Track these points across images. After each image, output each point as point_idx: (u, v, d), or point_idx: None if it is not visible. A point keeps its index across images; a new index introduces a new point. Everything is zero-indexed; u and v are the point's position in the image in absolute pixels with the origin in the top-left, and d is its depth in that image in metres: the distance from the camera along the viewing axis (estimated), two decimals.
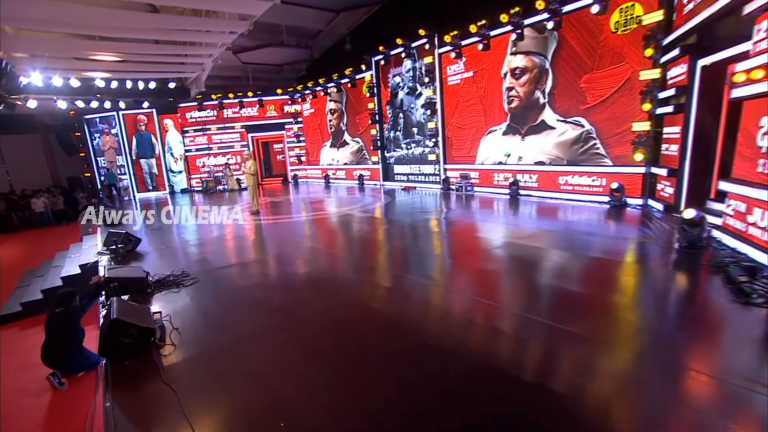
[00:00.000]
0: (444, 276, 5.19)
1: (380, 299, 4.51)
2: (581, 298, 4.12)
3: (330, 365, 3.15)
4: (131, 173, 18.14)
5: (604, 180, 8.89)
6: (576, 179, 9.49)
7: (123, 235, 6.95)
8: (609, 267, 5.03)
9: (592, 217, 7.78)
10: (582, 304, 3.96)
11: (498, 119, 11.15)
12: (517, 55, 10.27)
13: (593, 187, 9.15)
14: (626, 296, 4.26)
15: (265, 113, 18.42)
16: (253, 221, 10.03)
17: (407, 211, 10.09)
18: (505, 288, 4.65)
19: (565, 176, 9.71)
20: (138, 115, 17.77)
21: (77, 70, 12.71)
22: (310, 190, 16.32)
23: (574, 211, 8.43)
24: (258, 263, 6.40)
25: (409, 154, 14.46)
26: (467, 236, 7.28)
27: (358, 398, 2.73)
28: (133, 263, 6.39)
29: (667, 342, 3.16)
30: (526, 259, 5.51)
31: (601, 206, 8.61)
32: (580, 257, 5.40)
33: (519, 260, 5.50)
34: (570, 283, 4.57)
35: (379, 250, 6.77)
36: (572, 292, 4.28)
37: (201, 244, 7.84)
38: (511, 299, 4.26)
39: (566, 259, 5.42)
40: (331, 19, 14.98)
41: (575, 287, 4.44)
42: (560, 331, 3.40)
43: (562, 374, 2.85)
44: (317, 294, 4.74)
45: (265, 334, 3.77)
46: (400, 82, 14.18)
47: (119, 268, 5.15)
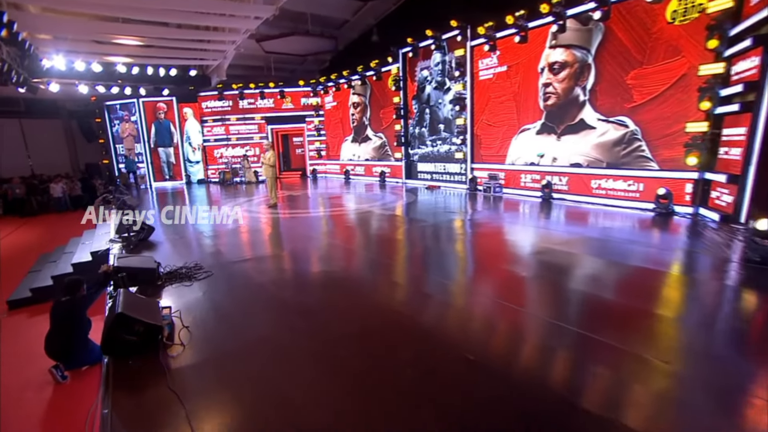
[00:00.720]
0: (476, 282, 4.80)
1: (409, 304, 4.16)
2: (640, 315, 3.68)
3: (359, 381, 2.81)
4: (149, 162, 18.23)
5: (641, 185, 8.43)
6: (610, 183, 9.01)
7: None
8: (670, 282, 4.56)
9: (635, 225, 7.25)
10: (642, 322, 3.53)
11: (532, 117, 10.66)
12: (557, 49, 9.76)
13: (629, 192, 8.67)
14: (687, 315, 3.80)
15: (281, 105, 18.25)
16: (270, 214, 9.80)
17: (432, 211, 9.70)
18: (548, 299, 4.24)
19: (598, 180, 9.25)
20: (158, 102, 17.83)
21: (99, 54, 12.75)
22: (329, 186, 16.07)
23: (613, 218, 7.90)
24: (275, 258, 6.13)
25: (434, 152, 14.05)
26: (499, 240, 6.86)
27: (392, 423, 2.38)
28: (145, 253, 6.19)
29: (726, 365, 2.74)
30: (565, 267, 5.07)
31: (642, 213, 8.05)
32: (629, 269, 4.93)
33: (558, 268, 5.06)
34: (625, 298, 4.12)
35: (404, 252, 6.41)
36: (628, 308, 3.84)
37: (216, 236, 7.63)
38: (557, 311, 3.84)
39: (614, 271, 4.95)
40: (358, 8, 14.70)
41: (632, 303, 3.99)
42: (606, 346, 2.98)
43: (630, 404, 2.45)
44: (339, 295, 4.42)
45: (283, 339, 3.45)
46: (428, 76, 13.78)
47: (130, 257, 4.93)
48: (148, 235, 7.04)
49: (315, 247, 6.75)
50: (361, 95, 16.70)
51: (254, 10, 10.17)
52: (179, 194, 15.51)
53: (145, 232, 6.92)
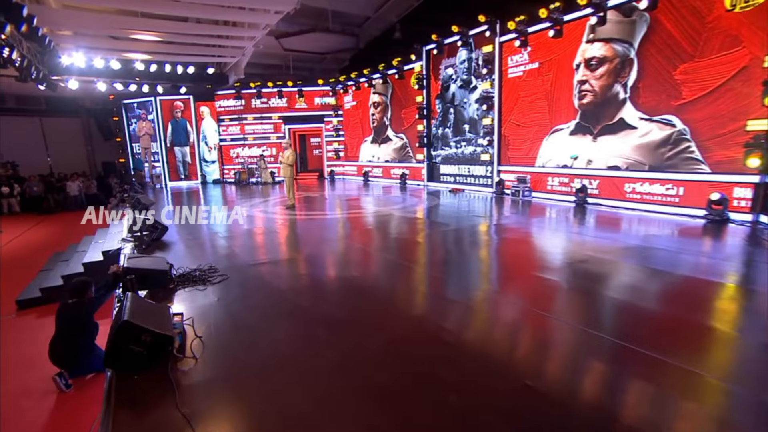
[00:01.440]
0: (517, 293, 4.36)
1: (445, 317, 3.75)
2: (699, 330, 3.20)
3: (396, 405, 2.42)
4: (164, 161, 18.27)
5: (681, 189, 7.98)
6: (646, 187, 8.58)
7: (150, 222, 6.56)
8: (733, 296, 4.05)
9: (685, 233, 6.68)
10: (703, 338, 3.05)
11: (565, 117, 10.16)
12: (595, 43, 9.27)
13: (667, 196, 8.20)
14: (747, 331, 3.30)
15: (294, 105, 18.08)
16: (287, 216, 9.52)
17: (458, 214, 9.28)
18: (600, 313, 3.77)
19: (632, 183, 8.81)
20: (175, 101, 17.88)
21: (118, 51, 12.77)
22: (347, 188, 15.78)
23: (657, 225, 7.36)
24: (293, 262, 5.80)
25: (458, 154, 13.63)
26: (536, 247, 6.40)
27: None
28: (157, 253, 5.94)
29: None
30: (616, 278, 4.59)
31: (689, 220, 7.47)
32: (685, 280, 4.42)
33: (607, 279, 4.59)
34: (686, 312, 3.64)
35: (432, 258, 6.01)
36: (687, 323, 3.36)
37: (231, 237, 7.36)
38: (614, 328, 3.38)
39: (669, 282, 4.46)
40: (381, 4, 14.43)
41: (691, 317, 3.51)
42: (677, 370, 2.52)
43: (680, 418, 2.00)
44: (365, 304, 4.05)
45: (306, 353, 3.09)
46: (452, 74, 13.40)
47: (141, 258, 4.66)
48: (161, 235, 6.82)
49: (335, 251, 6.41)
50: (382, 94, 16.40)
51: (275, 3, 9.97)
52: (194, 194, 15.42)
53: (158, 231, 6.69)
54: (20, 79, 9.81)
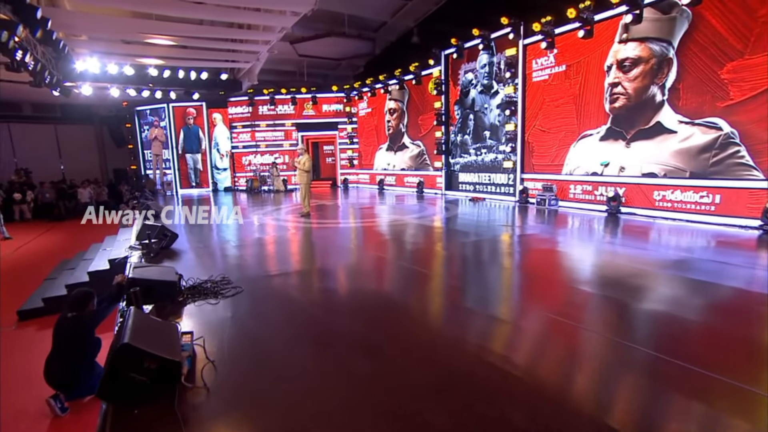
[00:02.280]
0: (577, 314, 3.85)
1: (501, 343, 3.27)
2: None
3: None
4: (176, 168, 18.13)
5: (718, 197, 7.54)
6: (677, 195, 8.17)
7: (158, 228, 6.19)
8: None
9: (739, 245, 6.10)
10: None
11: (595, 122, 9.67)
12: (628, 44, 8.80)
13: (700, 204, 7.82)
14: None
15: (301, 112, 17.85)
16: (302, 224, 9.12)
17: (484, 225, 8.82)
18: (675, 335, 3.26)
19: (662, 191, 8.39)
20: (187, 108, 17.79)
21: (132, 56, 12.65)
22: (362, 196, 15.39)
23: (702, 236, 6.79)
24: (315, 274, 5.35)
25: (478, 161, 13.17)
26: (577, 260, 5.88)
27: None
28: (166, 262, 5.56)
29: None
30: (679, 299, 4.06)
31: (740, 232, 6.89)
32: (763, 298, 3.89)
33: (672, 299, 4.07)
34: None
35: (467, 273, 5.53)
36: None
37: (244, 246, 6.96)
38: (701, 357, 2.87)
39: (747, 304, 3.92)
40: (398, 8, 14.17)
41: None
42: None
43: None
44: (403, 325, 3.57)
45: (341, 386, 2.61)
46: (472, 79, 13.01)
47: (148, 267, 4.27)
48: (171, 243, 6.45)
49: (357, 262, 5.96)
50: (398, 101, 16.07)
51: (292, 4, 9.72)
52: (205, 202, 15.16)
53: (168, 239, 6.33)
54: (34, 84, 9.66)
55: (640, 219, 8.57)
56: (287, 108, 17.94)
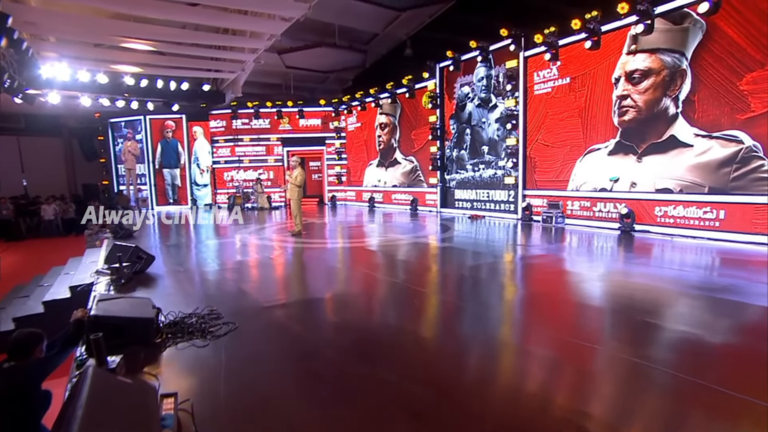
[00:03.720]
0: (651, 355, 3.21)
1: (563, 392, 2.58)
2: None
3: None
4: (152, 184, 17.08)
5: (722, 212, 7.40)
6: (679, 210, 8.02)
7: (131, 250, 5.31)
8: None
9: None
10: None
11: (603, 135, 9.32)
12: (637, 55, 8.53)
13: (705, 220, 7.66)
14: None
15: (278, 126, 17.21)
16: (294, 245, 8.32)
17: (492, 246, 8.22)
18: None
19: (664, 206, 8.24)
20: (166, 120, 16.89)
21: (106, 62, 11.78)
22: (352, 214, 14.69)
23: (729, 255, 6.34)
24: (322, 304, 4.56)
25: (476, 177, 12.69)
26: (611, 286, 5.30)
27: None
28: (140, 291, 4.69)
29: None
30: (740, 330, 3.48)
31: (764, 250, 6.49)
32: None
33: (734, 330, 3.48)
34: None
35: (496, 299, 4.85)
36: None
37: (232, 270, 6.12)
38: None
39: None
40: (391, 20, 13.80)
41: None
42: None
43: None
44: (445, 372, 2.84)
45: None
46: (469, 93, 12.64)
47: (116, 300, 3.42)
48: (146, 266, 5.57)
49: (367, 289, 5.21)
50: (390, 115, 15.59)
51: (283, 7, 9.13)
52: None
53: (143, 262, 5.45)
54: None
55: (656, 237, 8.14)
56: (263, 122, 17.20)
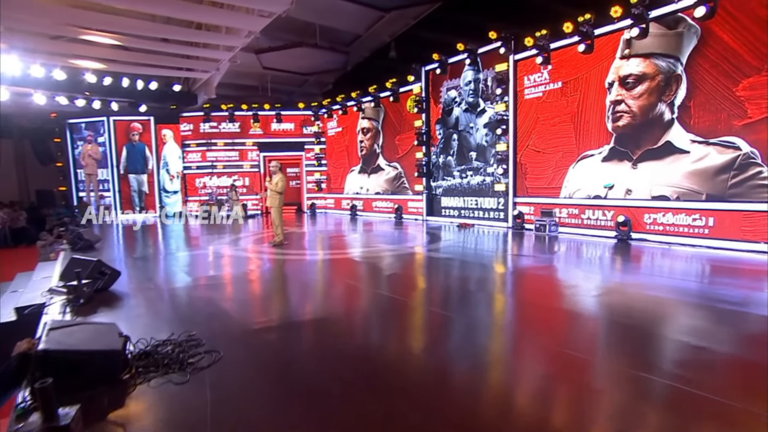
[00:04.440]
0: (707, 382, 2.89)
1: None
2: None
3: None
4: (116, 190, 16.08)
5: (711, 219, 7.48)
6: (668, 218, 8.07)
7: (92, 265, 4.67)
8: None
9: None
10: None
11: (596, 141, 9.23)
12: (631, 59, 8.50)
13: (694, 227, 7.74)
14: None
15: (248, 130, 16.61)
16: (276, 256, 7.77)
17: (490, 257, 7.93)
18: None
19: (653, 214, 8.30)
20: (132, 122, 15.98)
21: (64, 56, 10.91)
22: (333, 223, 14.20)
23: (738, 265, 6.25)
24: (321, 326, 4.02)
25: (463, 184, 12.46)
26: (628, 300, 5.04)
27: None
28: (103, 313, 4.08)
29: None
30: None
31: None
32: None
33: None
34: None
35: (512, 318, 4.50)
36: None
37: (211, 286, 5.53)
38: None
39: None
40: (375, 20, 13.51)
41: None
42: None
43: None
44: (494, 412, 2.44)
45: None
46: (456, 97, 12.44)
47: (73, 328, 2.84)
48: (111, 283, 4.93)
49: (369, 307, 4.75)
50: (373, 119, 15.24)
51: (263, 1, 8.65)
52: (151, 229, 13.29)
53: (106, 278, 4.81)
54: None
55: (654, 245, 8.04)
56: (235, 126, 16.54)
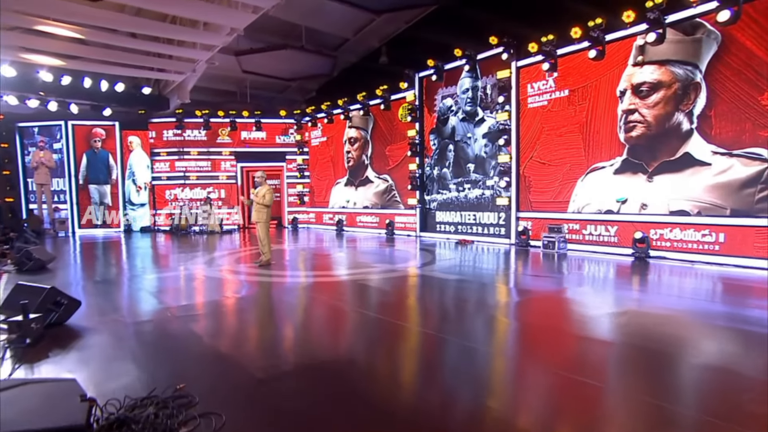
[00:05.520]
0: None
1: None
2: None
3: None
4: (74, 202, 14.84)
5: (722, 235, 7.34)
6: (676, 233, 7.94)
7: (44, 294, 3.80)
8: None
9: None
10: None
11: (608, 153, 8.94)
12: (645, 67, 8.28)
13: (704, 243, 7.60)
14: None
15: (215, 140, 15.83)
16: (266, 278, 6.96)
17: (499, 275, 7.37)
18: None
19: (659, 229, 8.13)
20: (94, 127, 14.88)
21: (12, 49, 9.85)
22: (318, 239, 13.45)
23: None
24: (346, 371, 3.21)
25: (460, 198, 11.99)
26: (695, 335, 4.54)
27: None
28: (55, 357, 3.23)
29: None
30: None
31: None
32: None
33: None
34: None
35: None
36: None
37: (193, 318, 4.68)
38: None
39: None
40: (364, 24, 13.10)
41: None
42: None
43: None
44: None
45: None
46: (452, 106, 12.06)
47: (13, 390, 2.05)
48: (68, 316, 4.06)
49: (402, 343, 4.05)
50: (361, 129, 14.69)
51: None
52: (115, 246, 12.17)
53: (62, 310, 3.95)
54: None
55: (674, 263, 7.70)
56: (199, 134, 15.66)
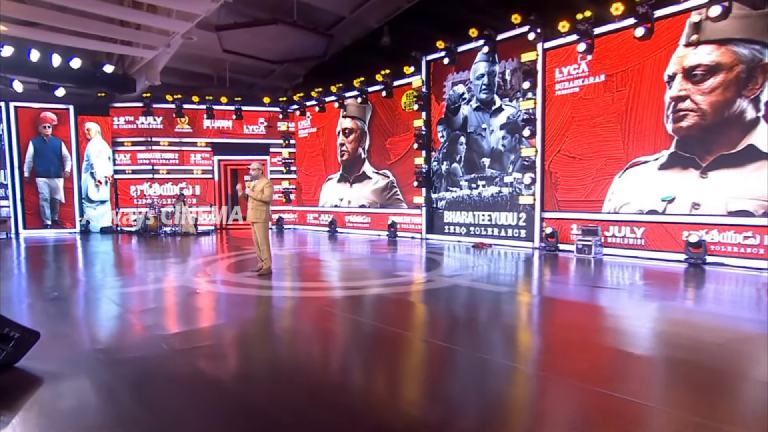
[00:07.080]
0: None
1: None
2: None
3: None
4: (17, 198, 13.30)
5: (758, 237, 7.03)
6: (735, 237, 7.41)
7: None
8: None
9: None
10: None
11: (651, 146, 8.28)
12: (699, 47, 7.63)
13: (744, 246, 7.27)
14: None
15: (174, 128, 14.55)
16: (268, 291, 5.83)
17: (533, 284, 6.53)
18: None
19: (729, 232, 7.46)
20: (44, 111, 13.40)
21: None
22: (309, 242, 12.42)
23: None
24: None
25: (473, 196, 11.16)
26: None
27: None
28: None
29: None
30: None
31: None
32: None
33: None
34: None
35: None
36: None
37: (198, 352, 3.55)
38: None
39: None
40: (361, 2, 12.15)
41: None
42: None
43: None
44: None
45: None
46: (464, 93, 11.21)
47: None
48: (21, 354, 2.88)
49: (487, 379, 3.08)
50: (358, 119, 13.69)
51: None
52: (68, 250, 10.70)
53: (11, 345, 2.78)
54: None
55: (737, 271, 7.07)
56: (155, 121, 14.26)
